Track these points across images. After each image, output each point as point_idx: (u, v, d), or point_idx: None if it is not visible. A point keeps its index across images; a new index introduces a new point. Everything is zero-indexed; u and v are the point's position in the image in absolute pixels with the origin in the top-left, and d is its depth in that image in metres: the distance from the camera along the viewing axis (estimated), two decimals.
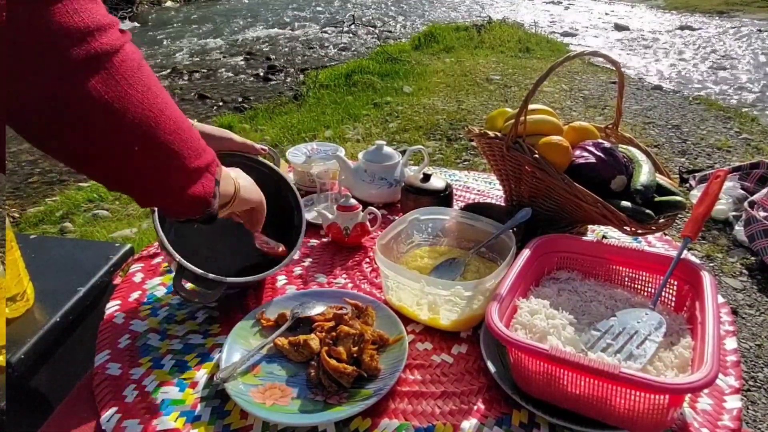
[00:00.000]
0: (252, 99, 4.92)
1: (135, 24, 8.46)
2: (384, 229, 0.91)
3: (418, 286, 0.79)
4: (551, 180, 0.87)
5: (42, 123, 0.44)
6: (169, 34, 7.83)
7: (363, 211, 1.05)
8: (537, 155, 0.88)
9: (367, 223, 1.04)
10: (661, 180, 0.93)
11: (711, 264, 2.28)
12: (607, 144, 0.92)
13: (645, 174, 0.90)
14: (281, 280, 0.95)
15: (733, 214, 2.53)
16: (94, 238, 2.48)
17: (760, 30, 7.66)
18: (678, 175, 2.99)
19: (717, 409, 0.68)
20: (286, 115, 4.18)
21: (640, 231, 0.85)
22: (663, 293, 0.78)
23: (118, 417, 0.66)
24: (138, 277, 0.96)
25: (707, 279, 0.72)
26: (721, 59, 6.09)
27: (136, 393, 0.70)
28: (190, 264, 0.77)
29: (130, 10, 8.91)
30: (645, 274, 0.82)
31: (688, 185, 2.86)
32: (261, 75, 5.69)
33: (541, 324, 0.70)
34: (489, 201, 1.23)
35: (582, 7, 10.00)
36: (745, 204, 2.38)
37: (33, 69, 0.41)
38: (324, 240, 1.09)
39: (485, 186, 1.33)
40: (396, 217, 1.13)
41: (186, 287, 0.77)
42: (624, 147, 0.99)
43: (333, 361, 0.69)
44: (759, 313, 2.00)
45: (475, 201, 1.24)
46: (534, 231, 0.93)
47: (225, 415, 0.67)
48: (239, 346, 0.76)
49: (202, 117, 4.51)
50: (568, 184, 0.85)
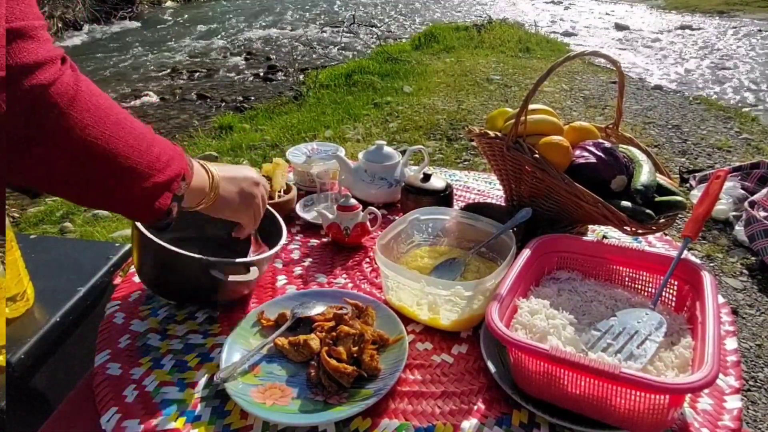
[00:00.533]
0: (252, 99, 4.92)
1: (135, 24, 8.47)
2: (384, 229, 0.91)
3: (418, 286, 0.79)
4: (551, 180, 0.87)
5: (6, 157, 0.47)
6: (169, 34, 7.83)
7: (363, 211, 1.05)
8: (537, 155, 0.88)
9: (367, 223, 1.04)
10: (662, 180, 0.93)
11: (711, 264, 2.28)
12: (608, 144, 0.92)
13: (645, 174, 0.90)
14: (281, 280, 0.95)
15: (734, 214, 2.53)
16: (94, 238, 2.48)
17: (760, 30, 7.66)
18: (678, 175, 2.99)
19: (717, 409, 0.68)
20: (286, 115, 4.18)
21: (640, 231, 0.85)
22: (663, 293, 0.78)
23: (118, 417, 0.66)
24: (138, 277, 0.96)
25: (707, 279, 0.72)
26: (722, 59, 6.09)
27: (136, 393, 0.70)
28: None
29: (130, 10, 8.91)
30: (645, 274, 0.82)
31: (688, 185, 2.86)
32: (261, 75, 5.70)
33: (541, 324, 0.70)
34: (489, 201, 1.23)
35: (582, 7, 10.00)
36: (746, 204, 2.38)
37: None
38: (324, 240, 1.09)
39: (485, 186, 1.33)
40: (396, 217, 1.13)
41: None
42: (624, 147, 0.99)
43: (333, 361, 0.69)
44: (759, 313, 2.00)
45: (475, 201, 1.24)
46: (534, 231, 0.93)
47: (225, 415, 0.67)
48: (239, 346, 0.76)
49: (202, 117, 4.52)
50: (568, 184, 0.85)
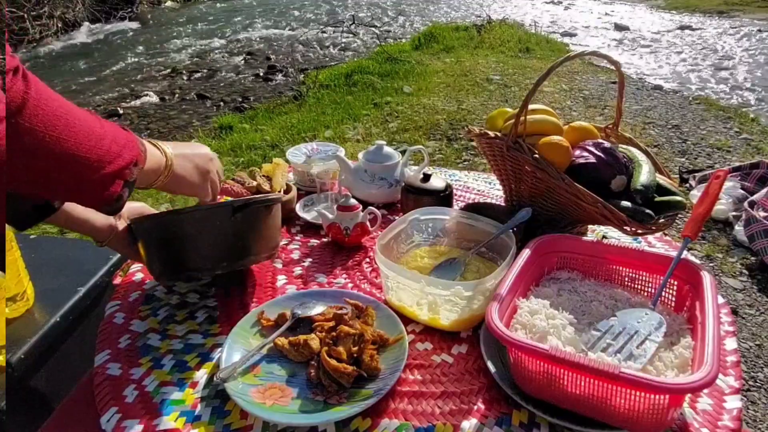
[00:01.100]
0: (252, 99, 4.92)
1: (135, 24, 8.46)
2: (384, 229, 0.91)
3: (418, 286, 0.79)
4: (551, 180, 0.87)
5: None
6: (169, 34, 7.83)
7: (363, 211, 1.05)
8: (537, 155, 0.88)
9: (367, 223, 1.04)
10: (661, 180, 0.93)
11: (711, 264, 2.28)
12: (607, 144, 0.92)
13: (645, 174, 0.90)
14: (281, 280, 0.95)
15: (733, 214, 2.53)
16: None
17: (760, 30, 7.66)
18: (678, 175, 2.99)
19: (717, 409, 0.68)
20: (286, 115, 4.18)
21: (640, 231, 0.85)
22: (663, 293, 0.78)
23: (118, 417, 0.66)
24: (138, 277, 0.96)
25: (707, 279, 0.72)
26: (721, 59, 6.09)
27: (136, 393, 0.70)
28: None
29: (130, 10, 8.91)
30: (645, 274, 0.82)
31: (688, 185, 2.86)
32: (261, 75, 5.69)
33: (541, 324, 0.70)
34: (489, 201, 1.23)
35: (582, 7, 10.00)
36: (745, 204, 2.38)
37: None
38: (324, 240, 1.09)
39: (485, 186, 1.33)
40: (396, 217, 1.13)
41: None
42: (624, 147, 0.99)
43: (333, 361, 0.69)
44: (759, 313, 2.00)
45: (475, 201, 1.24)
46: (534, 231, 0.94)
47: (225, 415, 0.67)
48: (239, 346, 0.76)
49: (202, 117, 4.52)
50: (568, 184, 0.85)
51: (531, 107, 0.95)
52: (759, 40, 7.10)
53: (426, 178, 1.09)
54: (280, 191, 1.16)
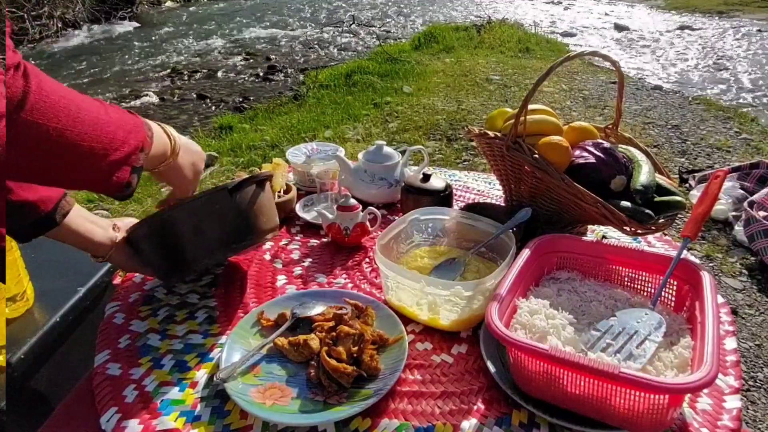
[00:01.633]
0: (252, 99, 4.92)
1: (135, 24, 8.46)
2: (384, 229, 0.91)
3: (418, 286, 0.79)
4: (551, 180, 0.87)
5: None
6: (169, 34, 7.83)
7: (363, 211, 1.05)
8: (537, 155, 0.88)
9: (367, 223, 1.04)
10: (661, 180, 0.93)
11: (711, 264, 2.28)
12: (607, 144, 0.92)
13: (645, 174, 0.90)
14: (281, 280, 0.95)
15: (733, 214, 2.53)
16: None
17: (760, 30, 7.66)
18: (678, 175, 2.99)
19: (717, 409, 0.68)
20: (286, 115, 4.18)
21: (639, 231, 0.85)
22: (663, 293, 0.78)
23: (118, 417, 0.66)
24: (138, 278, 0.96)
25: (707, 279, 0.72)
26: (721, 59, 6.09)
27: (136, 393, 0.70)
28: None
29: (130, 10, 8.91)
30: (645, 274, 0.82)
31: (687, 185, 2.86)
32: (261, 75, 5.70)
33: (541, 324, 0.70)
34: (489, 201, 1.24)
35: (582, 7, 10.00)
36: (745, 204, 2.38)
37: None
38: (324, 240, 1.09)
39: (485, 186, 1.33)
40: (396, 217, 1.13)
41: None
42: (624, 147, 0.99)
43: (333, 361, 0.69)
44: (759, 313, 2.00)
45: (475, 201, 1.24)
46: (534, 231, 0.94)
47: (225, 415, 0.67)
48: (239, 346, 0.76)
49: (201, 117, 4.52)
50: (568, 184, 0.85)
51: (531, 107, 0.95)
52: (759, 40, 7.09)
53: (426, 178, 1.09)
54: (279, 191, 1.16)
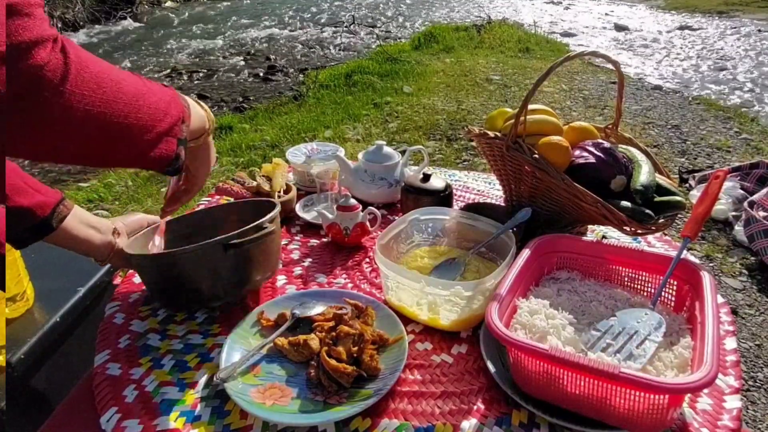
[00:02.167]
0: (252, 99, 4.92)
1: (135, 24, 8.46)
2: (384, 229, 0.91)
3: (418, 286, 0.79)
4: (551, 180, 0.87)
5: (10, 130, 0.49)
6: (169, 34, 7.82)
7: (363, 211, 1.05)
8: (537, 155, 0.88)
9: (367, 223, 1.04)
10: (661, 180, 0.93)
11: (711, 264, 2.28)
12: (607, 144, 0.92)
13: (645, 174, 0.90)
14: (281, 280, 0.95)
15: (733, 214, 2.53)
16: None
17: (760, 30, 7.66)
18: (678, 175, 2.99)
19: (717, 409, 0.68)
20: (286, 115, 4.18)
21: (639, 231, 0.85)
22: (663, 293, 0.78)
23: (118, 417, 0.66)
24: (138, 278, 0.96)
25: (707, 279, 0.72)
26: (721, 59, 6.09)
27: (136, 393, 0.70)
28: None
29: (130, 10, 8.91)
30: (645, 274, 0.82)
31: (687, 185, 2.86)
32: (261, 75, 5.69)
33: (541, 324, 0.70)
34: (489, 201, 1.24)
35: (582, 7, 9.99)
36: (745, 204, 2.38)
37: None
38: (324, 240, 1.09)
39: (485, 186, 1.33)
40: (396, 217, 1.13)
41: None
42: (624, 147, 0.99)
43: (333, 361, 0.69)
44: (759, 313, 2.00)
45: (475, 201, 1.24)
46: (534, 231, 0.94)
47: (225, 415, 0.67)
48: (239, 346, 0.76)
49: None
50: (568, 184, 0.85)
51: (531, 107, 0.95)
52: (759, 40, 7.09)
53: (426, 178, 1.09)
54: (279, 191, 1.16)
